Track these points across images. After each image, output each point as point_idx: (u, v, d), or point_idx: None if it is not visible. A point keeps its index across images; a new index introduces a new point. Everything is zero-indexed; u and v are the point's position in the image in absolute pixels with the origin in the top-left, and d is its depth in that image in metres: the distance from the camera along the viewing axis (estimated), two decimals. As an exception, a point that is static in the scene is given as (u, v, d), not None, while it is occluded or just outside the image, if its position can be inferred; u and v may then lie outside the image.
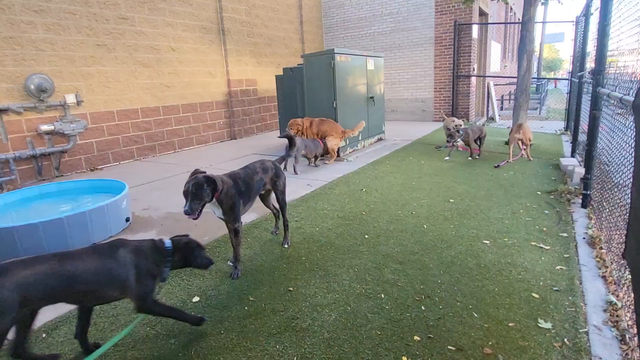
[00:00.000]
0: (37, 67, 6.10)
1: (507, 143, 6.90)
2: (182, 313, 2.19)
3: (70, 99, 6.43)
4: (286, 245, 3.36)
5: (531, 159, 6.27)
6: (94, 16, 6.74)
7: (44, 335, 2.30)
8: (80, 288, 1.75)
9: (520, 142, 6.36)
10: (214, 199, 2.69)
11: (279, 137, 3.78)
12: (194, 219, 2.58)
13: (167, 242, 2.10)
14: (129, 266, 1.87)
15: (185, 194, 2.52)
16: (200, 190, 2.51)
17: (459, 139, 5.92)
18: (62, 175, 6.47)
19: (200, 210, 2.59)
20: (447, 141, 5.97)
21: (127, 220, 4.00)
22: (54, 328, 2.34)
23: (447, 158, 6.01)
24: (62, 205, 4.45)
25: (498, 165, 5.91)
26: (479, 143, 6.69)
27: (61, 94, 6.38)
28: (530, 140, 6.44)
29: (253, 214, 4.17)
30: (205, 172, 2.67)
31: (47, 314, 2.43)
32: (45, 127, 6.17)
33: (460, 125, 6.44)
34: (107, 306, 2.51)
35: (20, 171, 5.99)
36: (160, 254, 2.04)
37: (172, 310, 2.16)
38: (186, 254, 2.16)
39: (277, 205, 3.46)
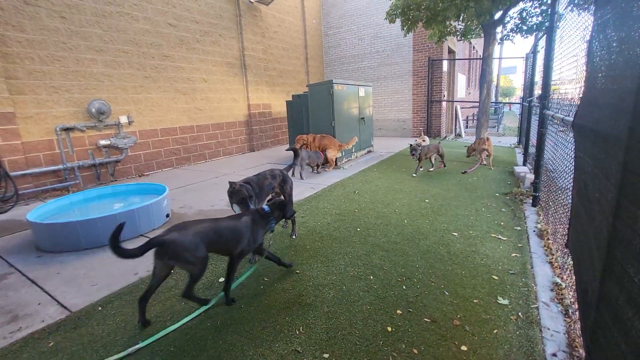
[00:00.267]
0: (97, 94, 6.13)
1: (468, 155, 6.88)
2: (278, 259, 2.61)
3: (123, 119, 6.45)
4: (294, 237, 3.34)
5: (492, 168, 6.23)
6: (142, 54, 6.78)
7: (99, 308, 2.28)
8: (223, 240, 2.15)
9: (486, 152, 6.37)
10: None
11: (287, 150, 3.82)
12: None
13: (266, 208, 2.46)
14: (247, 226, 2.28)
15: (243, 200, 2.75)
16: (246, 196, 2.76)
17: (419, 153, 5.80)
18: (116, 180, 6.47)
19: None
20: (412, 154, 5.85)
21: (167, 216, 3.99)
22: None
23: (414, 175, 5.84)
24: (115, 204, 4.45)
25: (465, 172, 5.88)
26: (440, 159, 6.40)
27: (116, 116, 6.41)
28: (491, 152, 6.42)
29: (268, 211, 4.15)
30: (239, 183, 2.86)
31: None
32: (103, 142, 6.19)
33: (421, 143, 6.47)
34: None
35: (82, 177, 6.00)
36: (264, 216, 2.40)
37: (272, 255, 2.57)
38: (280, 209, 2.52)
39: None
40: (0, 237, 3.73)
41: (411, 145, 5.91)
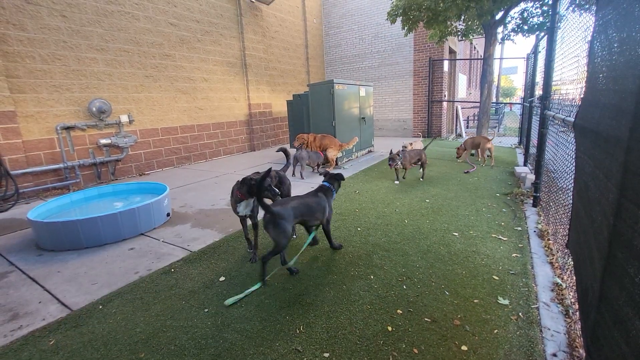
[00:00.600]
0: (98, 94, 6.13)
1: (458, 156, 6.89)
2: (331, 238, 3.00)
3: (124, 118, 6.45)
4: (294, 236, 3.34)
5: (493, 163, 6.29)
6: (143, 54, 6.78)
7: (100, 307, 2.29)
8: (310, 211, 2.64)
9: (488, 150, 6.42)
10: (242, 199, 2.78)
11: (277, 151, 3.72)
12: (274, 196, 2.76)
13: (327, 183, 2.92)
14: (325, 199, 2.79)
15: (263, 185, 2.58)
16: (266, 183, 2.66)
17: (398, 162, 5.08)
18: (116, 179, 6.48)
19: (249, 209, 2.85)
20: (389, 164, 5.08)
21: (168, 215, 4.00)
22: (108, 301, 2.33)
23: (396, 182, 5.29)
24: (116, 202, 4.45)
25: (467, 172, 5.89)
26: (421, 168, 5.57)
27: (117, 115, 6.41)
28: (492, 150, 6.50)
29: (268, 210, 4.15)
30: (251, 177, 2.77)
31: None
32: (103, 141, 6.20)
33: (407, 148, 6.13)
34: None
35: (83, 175, 6.01)
36: (328, 190, 2.88)
37: (329, 233, 2.97)
38: (337, 179, 2.99)
39: None
40: (1, 235, 3.74)
41: (391, 152, 5.19)
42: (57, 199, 4.21)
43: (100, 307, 2.28)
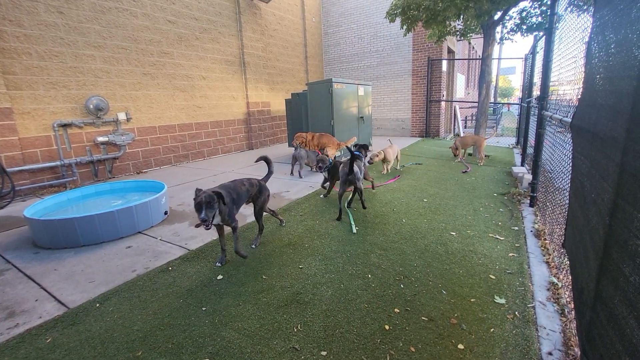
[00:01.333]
0: (96, 91, 6.10)
1: (455, 155, 7.06)
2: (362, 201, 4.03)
3: (122, 116, 6.43)
4: (254, 246, 3.10)
5: (482, 163, 6.61)
6: (141, 51, 6.75)
7: (97, 305, 2.29)
8: (354, 174, 3.67)
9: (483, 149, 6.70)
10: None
11: (256, 161, 3.46)
12: (207, 228, 2.40)
13: (357, 152, 4.01)
14: (360, 165, 3.77)
15: (199, 205, 2.37)
16: (212, 201, 2.42)
17: (325, 171, 4.39)
18: (113, 177, 6.46)
19: (212, 219, 2.45)
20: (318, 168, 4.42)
21: (166, 213, 3.99)
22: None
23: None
24: (113, 200, 4.44)
25: (465, 171, 5.93)
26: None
27: (114, 112, 6.39)
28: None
29: (266, 209, 4.16)
30: (205, 190, 2.53)
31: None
32: (101, 139, 6.17)
33: (373, 159, 5.71)
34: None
35: (80, 173, 5.98)
36: (360, 157, 3.96)
37: (362, 191, 3.96)
38: (364, 148, 4.26)
39: (271, 209, 3.48)
40: (-3, 233, 3.72)
41: (319, 158, 4.47)
42: (54, 196, 4.19)
43: (98, 305, 2.28)
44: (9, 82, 5.08)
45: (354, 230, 3.39)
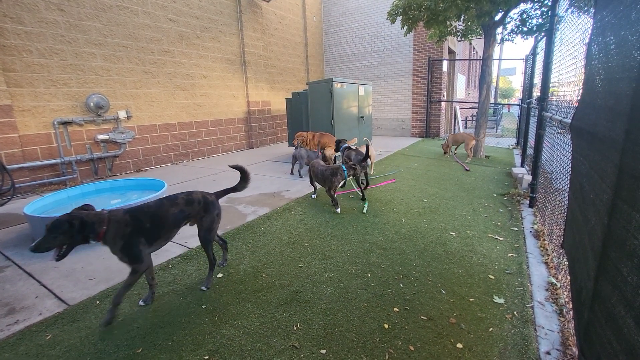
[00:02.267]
0: (96, 89, 6.11)
1: (445, 153, 7.56)
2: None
3: (122, 114, 6.43)
4: (204, 288, 2.38)
5: (469, 160, 7.04)
6: (142, 49, 6.76)
7: (97, 302, 2.29)
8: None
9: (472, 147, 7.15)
10: (98, 241, 1.92)
11: (231, 166, 2.69)
12: (56, 259, 1.85)
13: (343, 167, 3.87)
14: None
15: (46, 229, 1.80)
16: (58, 229, 1.79)
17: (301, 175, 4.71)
18: (113, 175, 6.46)
19: (65, 252, 1.87)
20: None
21: (166, 211, 3.98)
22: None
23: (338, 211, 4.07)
24: (113, 198, 4.44)
25: (468, 170, 6.01)
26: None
27: (114, 110, 6.39)
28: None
29: (265, 208, 4.17)
30: (90, 209, 2.04)
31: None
32: (101, 137, 6.17)
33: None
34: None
35: (80, 171, 5.99)
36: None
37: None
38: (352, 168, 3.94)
39: (220, 237, 2.70)
40: (-3, 230, 3.73)
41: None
42: (54, 194, 4.19)
43: (98, 302, 2.29)
44: (10, 80, 5.09)
45: (365, 210, 3.93)
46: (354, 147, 5.10)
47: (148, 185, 4.59)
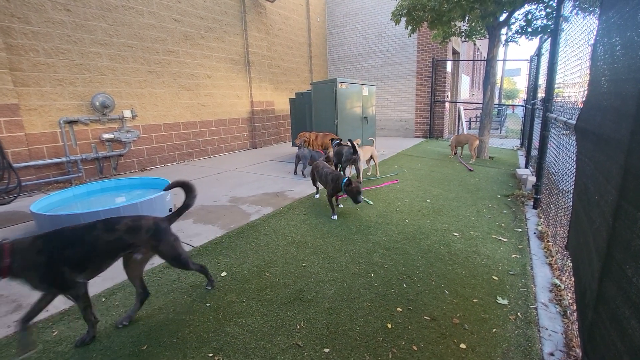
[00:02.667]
0: (102, 88, 6.16)
1: (454, 154, 7.56)
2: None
3: (127, 113, 6.48)
4: (120, 326, 2.01)
5: (472, 161, 7.03)
6: (147, 49, 6.80)
7: (103, 299, 2.32)
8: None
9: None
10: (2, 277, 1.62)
11: (171, 184, 2.37)
12: None
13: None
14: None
15: None
16: None
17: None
18: (118, 174, 6.51)
19: None
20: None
21: (170, 210, 4.02)
22: (111, 294, 2.37)
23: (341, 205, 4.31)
24: (118, 197, 4.48)
25: (472, 170, 6.01)
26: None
27: (120, 110, 6.44)
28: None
29: (269, 207, 4.18)
30: None
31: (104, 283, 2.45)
32: (106, 136, 6.22)
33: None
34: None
35: (85, 170, 6.04)
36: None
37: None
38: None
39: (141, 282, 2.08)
40: (3, 227, 3.77)
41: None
42: (60, 192, 4.24)
43: (103, 299, 2.31)
44: (17, 79, 5.14)
45: (370, 202, 4.23)
46: (345, 144, 5.32)
47: (152, 184, 4.62)
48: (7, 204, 4.70)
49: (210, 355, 1.78)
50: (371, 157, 5.73)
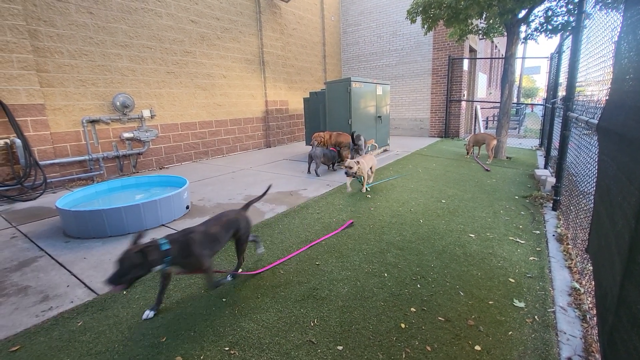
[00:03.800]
0: (122, 88, 6.35)
1: (468, 154, 7.46)
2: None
3: (146, 113, 6.66)
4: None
5: (489, 161, 6.94)
6: (165, 50, 6.97)
7: (124, 293, 2.40)
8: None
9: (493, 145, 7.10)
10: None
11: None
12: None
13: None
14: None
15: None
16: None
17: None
18: (137, 172, 6.70)
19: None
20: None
21: (187, 207, 4.12)
22: (131, 288, 2.44)
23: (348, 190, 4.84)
24: (138, 194, 4.61)
25: (488, 170, 5.92)
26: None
27: (139, 109, 6.62)
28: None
29: (283, 206, 4.23)
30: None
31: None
32: (126, 135, 6.41)
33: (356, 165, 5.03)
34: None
35: (106, 168, 6.24)
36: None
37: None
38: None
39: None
40: (30, 222, 3.95)
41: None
42: (83, 189, 4.40)
43: (125, 292, 2.39)
44: (43, 80, 5.36)
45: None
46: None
47: (171, 182, 4.74)
48: (34, 200, 4.91)
49: (227, 349, 1.83)
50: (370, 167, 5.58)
